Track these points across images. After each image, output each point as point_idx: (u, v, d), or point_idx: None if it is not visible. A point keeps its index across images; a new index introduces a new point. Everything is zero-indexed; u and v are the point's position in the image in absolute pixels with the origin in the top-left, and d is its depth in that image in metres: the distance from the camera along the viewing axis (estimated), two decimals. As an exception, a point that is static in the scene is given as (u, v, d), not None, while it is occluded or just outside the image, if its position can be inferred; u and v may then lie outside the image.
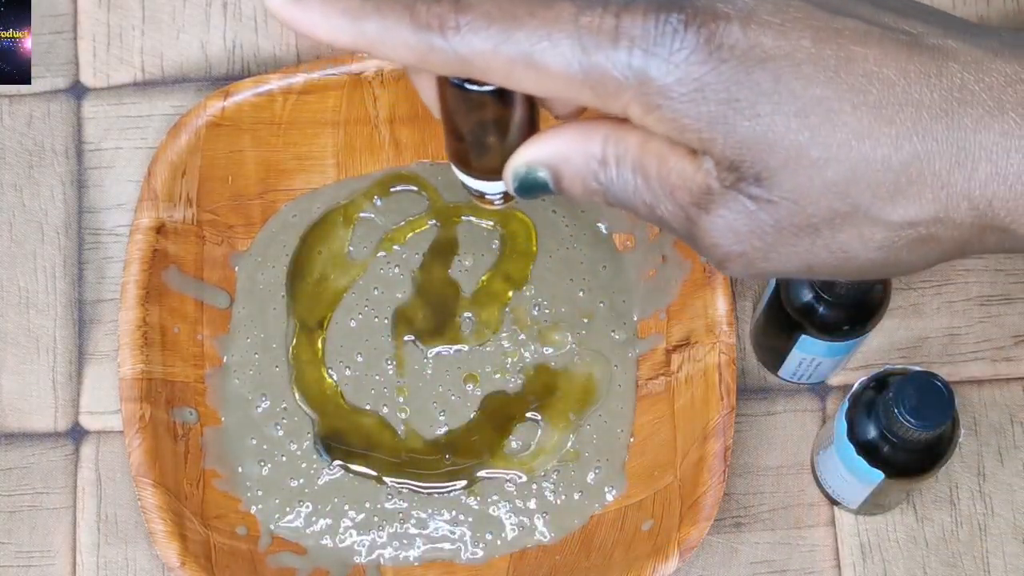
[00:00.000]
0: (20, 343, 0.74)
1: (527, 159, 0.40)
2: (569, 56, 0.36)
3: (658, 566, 0.63)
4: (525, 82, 0.37)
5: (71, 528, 0.71)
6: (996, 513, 0.69)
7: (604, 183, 0.39)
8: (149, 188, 0.70)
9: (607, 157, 0.39)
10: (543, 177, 0.40)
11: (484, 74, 0.37)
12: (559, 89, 0.37)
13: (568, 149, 0.39)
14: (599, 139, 0.39)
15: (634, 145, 0.38)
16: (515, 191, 0.41)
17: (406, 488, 0.70)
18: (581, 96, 0.37)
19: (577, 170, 0.39)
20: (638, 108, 0.36)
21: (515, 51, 0.36)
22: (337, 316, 0.73)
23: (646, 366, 0.71)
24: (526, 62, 0.36)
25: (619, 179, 0.39)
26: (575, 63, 0.36)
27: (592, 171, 0.39)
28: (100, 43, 0.78)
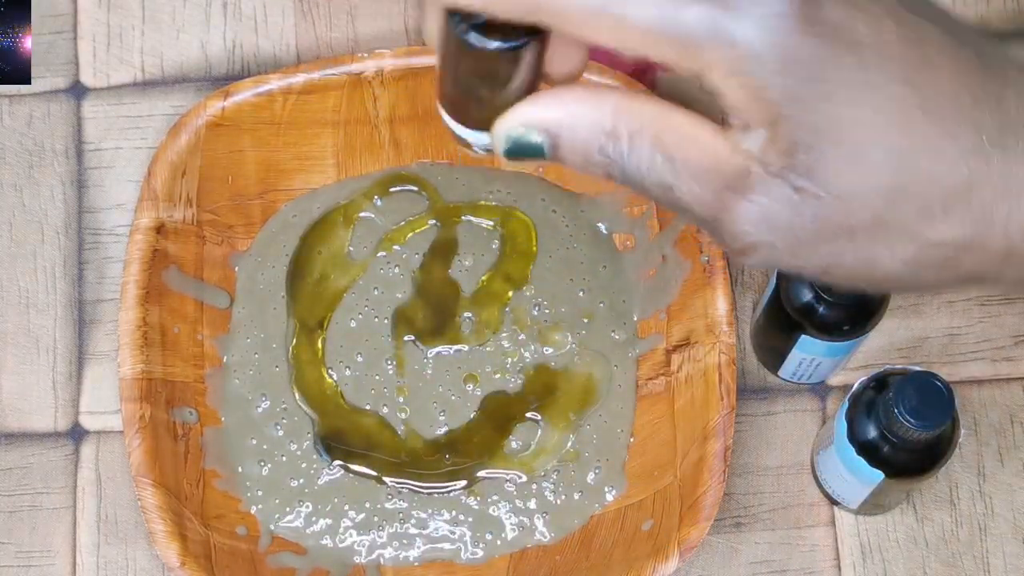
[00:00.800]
0: (20, 343, 0.74)
1: (524, 119, 0.37)
2: (656, 8, 0.33)
3: (658, 566, 0.63)
4: (602, 32, 0.34)
5: (71, 528, 0.71)
6: (996, 513, 0.69)
7: (612, 157, 0.36)
8: (149, 188, 0.70)
9: (618, 130, 0.36)
10: (539, 141, 0.37)
11: (557, 21, 0.34)
12: (637, 42, 0.34)
13: (573, 114, 0.36)
14: (610, 108, 0.36)
15: (653, 119, 0.36)
16: (504, 152, 0.38)
17: (406, 488, 0.70)
18: (658, 50, 0.34)
19: (580, 139, 0.36)
20: (721, 70, 0.34)
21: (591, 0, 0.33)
22: (337, 316, 0.73)
23: (646, 366, 0.71)
24: (606, 11, 0.33)
25: (632, 155, 0.36)
26: (662, 16, 0.33)
27: (598, 143, 0.36)
28: (100, 43, 0.78)
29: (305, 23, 0.78)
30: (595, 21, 0.34)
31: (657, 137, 0.36)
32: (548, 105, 0.37)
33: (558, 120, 0.36)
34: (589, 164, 0.37)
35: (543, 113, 0.37)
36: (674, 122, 0.36)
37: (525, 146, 0.37)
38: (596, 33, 0.34)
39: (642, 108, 0.36)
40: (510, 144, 0.37)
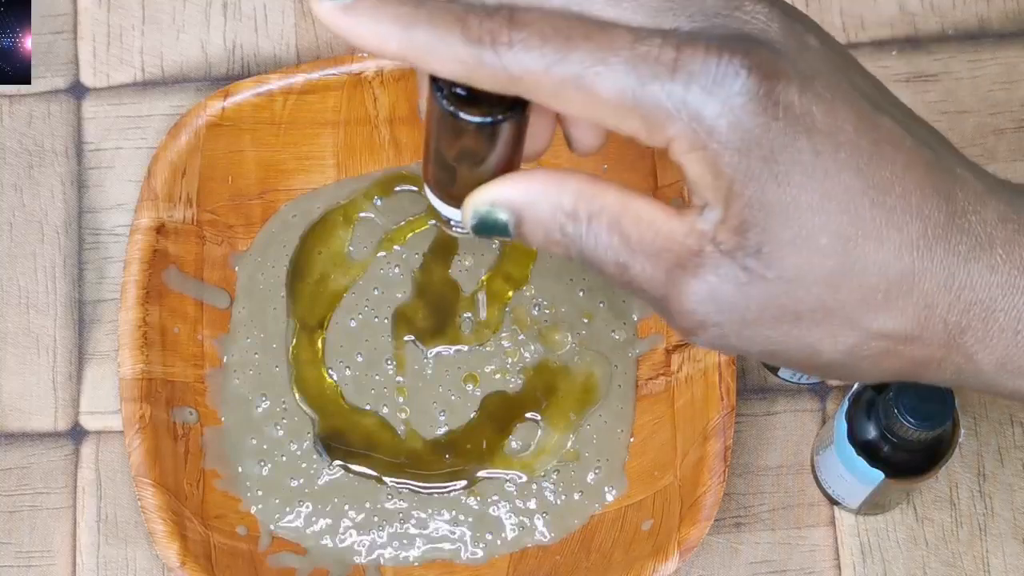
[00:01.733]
0: (20, 343, 0.74)
1: (491, 197, 0.38)
2: (623, 82, 0.35)
3: (658, 566, 0.63)
4: (573, 104, 0.36)
5: (71, 528, 0.71)
6: (996, 513, 0.69)
7: (571, 236, 0.38)
8: (149, 188, 0.70)
9: (578, 211, 0.37)
10: (503, 219, 0.38)
11: (532, 93, 0.36)
12: (606, 114, 0.36)
13: (536, 195, 0.38)
14: (571, 192, 0.38)
15: (611, 203, 0.37)
16: (472, 227, 0.39)
17: (406, 488, 0.70)
18: (626, 123, 0.36)
19: (541, 219, 0.38)
20: (683, 143, 0.35)
21: (568, 72, 0.35)
22: (337, 316, 0.73)
23: (646, 366, 0.71)
24: (577, 84, 0.35)
25: (589, 235, 0.37)
26: (628, 90, 0.35)
27: (558, 223, 0.38)
28: (100, 43, 0.78)
29: (305, 23, 0.78)
30: (567, 94, 0.35)
31: (614, 219, 0.37)
32: (515, 185, 0.38)
33: (523, 200, 0.38)
34: (550, 243, 0.38)
35: (508, 191, 0.38)
36: (632, 206, 0.37)
37: (491, 223, 0.38)
38: (569, 106, 0.36)
39: (602, 192, 0.37)
40: (477, 220, 0.39)
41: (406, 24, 0.36)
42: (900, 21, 0.76)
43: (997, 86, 0.75)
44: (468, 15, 0.36)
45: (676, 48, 0.35)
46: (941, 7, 0.76)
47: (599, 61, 0.35)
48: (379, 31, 0.36)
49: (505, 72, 0.35)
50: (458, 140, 0.38)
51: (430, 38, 0.36)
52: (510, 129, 0.38)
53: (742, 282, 0.36)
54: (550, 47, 0.35)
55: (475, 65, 0.36)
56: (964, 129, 0.74)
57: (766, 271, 0.36)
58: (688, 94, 0.34)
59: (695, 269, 0.36)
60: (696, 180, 0.36)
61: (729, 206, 0.35)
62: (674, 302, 0.37)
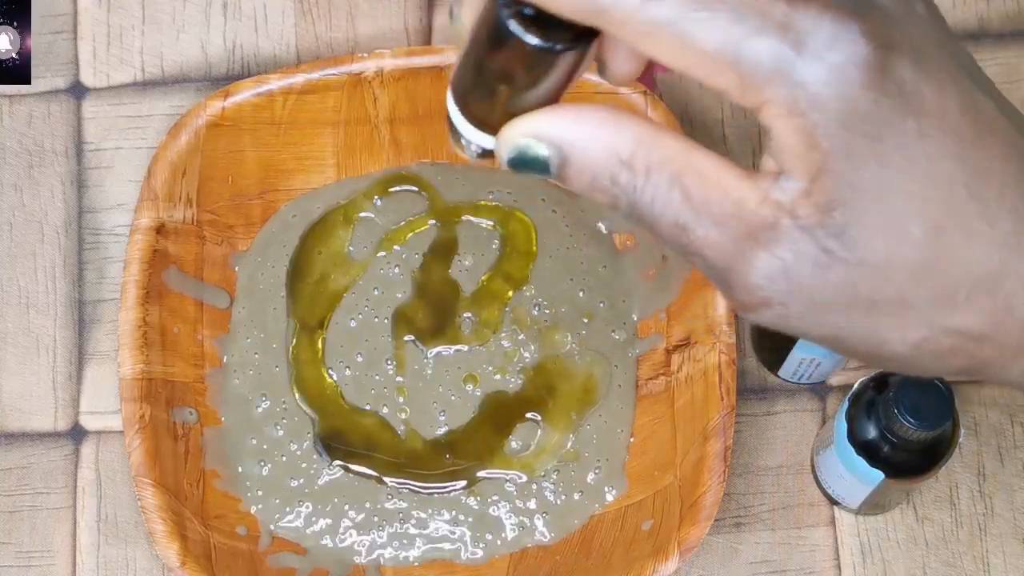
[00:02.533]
0: (20, 343, 0.74)
1: (535, 129, 0.34)
2: (726, 33, 0.32)
3: (658, 566, 0.63)
4: (664, 49, 0.32)
5: (71, 528, 0.71)
6: (996, 513, 0.69)
7: (623, 187, 0.34)
8: (149, 188, 0.70)
9: (635, 160, 0.34)
10: (545, 156, 0.35)
11: (617, 28, 0.32)
12: (700, 65, 0.32)
13: (587, 134, 0.34)
14: (629, 136, 0.34)
15: (674, 155, 0.34)
16: (507, 161, 0.35)
17: (406, 488, 0.70)
18: (720, 77, 0.32)
19: (592, 162, 0.34)
20: (780, 109, 0.32)
21: (665, 13, 0.32)
22: (337, 316, 0.73)
23: (646, 366, 0.71)
24: (674, 28, 0.32)
25: (647, 189, 0.34)
26: (731, 43, 0.32)
27: (610, 170, 0.34)
28: (100, 43, 0.78)
29: (305, 23, 0.78)
30: (660, 36, 0.32)
31: (676, 174, 0.34)
32: (565, 120, 0.35)
33: (572, 137, 0.34)
34: (596, 189, 0.35)
35: (558, 127, 0.35)
36: (697, 161, 0.34)
37: (531, 158, 0.35)
38: (658, 48, 0.33)
39: (664, 142, 0.34)
40: (515, 153, 0.35)
41: None
42: (900, 21, 0.76)
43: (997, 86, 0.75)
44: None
45: (788, 3, 0.32)
46: (941, 7, 0.76)
47: (703, 6, 0.32)
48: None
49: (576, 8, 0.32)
50: (511, 62, 0.34)
51: None
52: (572, 60, 0.34)
53: (820, 262, 0.33)
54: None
55: None
56: (964, 129, 0.74)
57: (849, 254, 0.33)
58: (797, 56, 0.32)
59: (768, 242, 0.33)
60: (784, 147, 0.33)
61: (817, 180, 0.33)
62: (739, 275, 0.34)
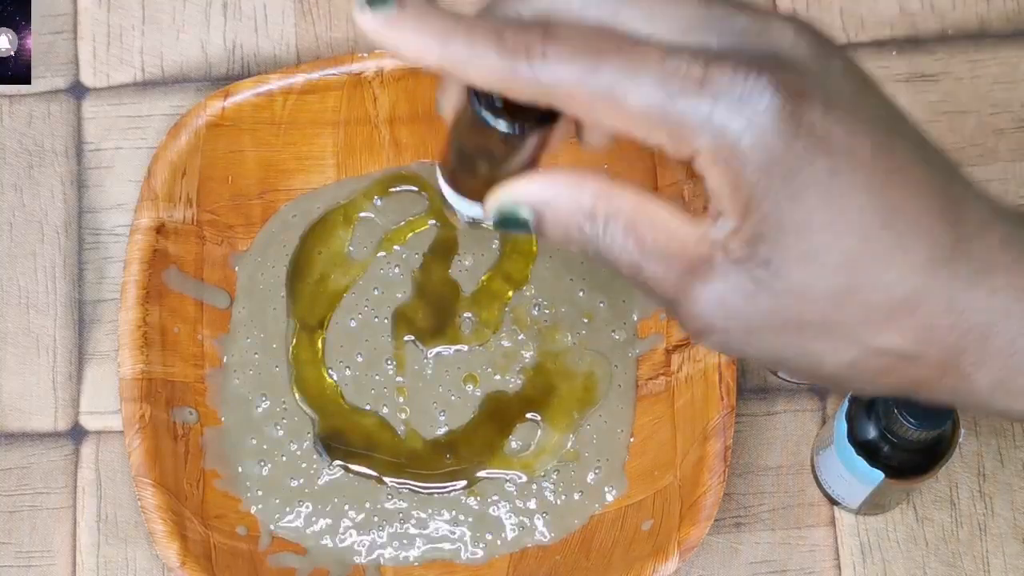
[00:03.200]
0: (20, 343, 0.74)
1: (514, 196, 0.40)
2: (652, 96, 0.36)
3: (658, 566, 0.63)
4: (603, 116, 0.37)
5: (71, 528, 0.71)
6: (996, 513, 0.69)
7: (588, 235, 0.39)
8: (149, 188, 0.70)
9: (596, 212, 0.39)
10: (524, 216, 0.40)
11: (564, 104, 0.37)
12: (634, 126, 0.37)
13: (557, 195, 0.39)
14: (590, 193, 0.39)
15: (629, 206, 0.39)
16: (494, 223, 0.41)
17: (406, 488, 0.70)
18: (653, 135, 0.37)
19: (561, 217, 0.39)
20: (707, 157, 0.36)
21: (599, 85, 0.36)
22: (337, 316, 0.73)
23: (646, 366, 0.71)
24: (608, 97, 0.36)
25: (606, 236, 0.39)
26: (656, 104, 0.36)
27: (576, 222, 0.39)
28: (100, 43, 0.78)
29: (305, 23, 0.78)
30: (598, 105, 0.36)
31: (630, 221, 0.38)
32: (536, 183, 0.40)
33: (544, 199, 0.39)
34: (569, 240, 0.40)
35: (531, 189, 0.40)
36: (647, 209, 0.39)
37: (512, 219, 0.40)
38: (599, 116, 0.37)
39: (619, 194, 0.39)
40: (499, 216, 0.40)
41: (445, 37, 0.37)
42: (900, 21, 0.76)
43: (997, 86, 0.75)
44: (504, 29, 0.37)
45: (704, 65, 0.36)
46: (941, 7, 0.76)
47: (630, 75, 0.36)
48: (419, 44, 0.38)
49: (538, 83, 0.37)
50: (488, 144, 0.40)
51: (467, 50, 0.37)
52: (541, 136, 0.40)
53: (749, 291, 0.37)
54: (582, 60, 0.36)
55: (510, 77, 0.37)
56: (964, 129, 0.74)
57: (774, 282, 0.37)
58: (714, 110, 0.36)
59: (705, 275, 0.38)
60: (715, 191, 0.37)
61: (744, 218, 0.37)
62: (683, 305, 0.38)
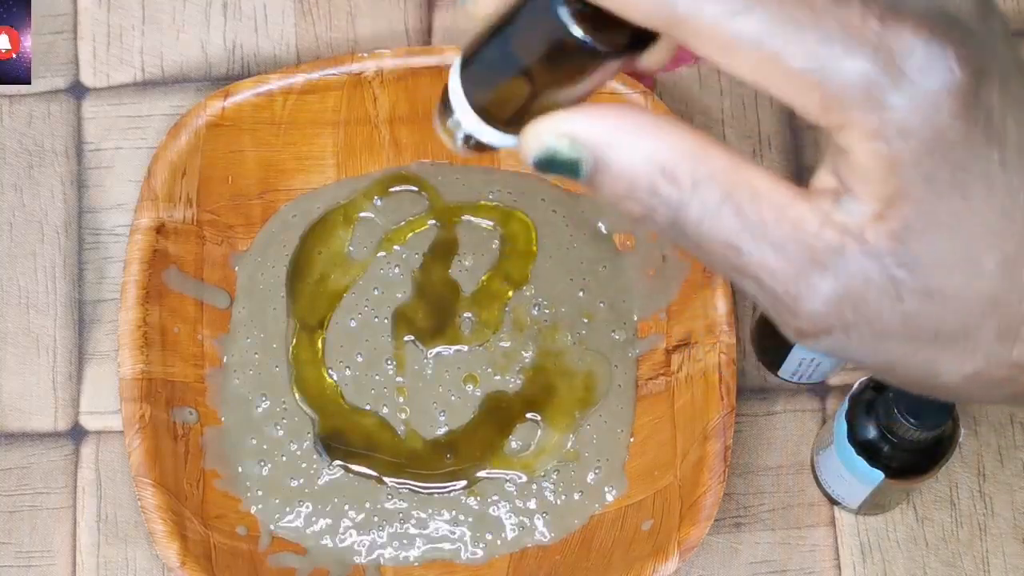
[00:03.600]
0: (20, 343, 0.74)
1: (570, 128, 0.32)
2: (812, 52, 0.30)
3: (658, 566, 0.63)
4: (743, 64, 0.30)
5: (71, 528, 0.71)
6: (996, 513, 0.69)
7: (666, 200, 0.31)
8: (149, 188, 0.70)
9: (680, 172, 0.31)
10: (578, 158, 0.32)
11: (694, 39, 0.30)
12: (778, 82, 0.30)
13: (629, 140, 0.31)
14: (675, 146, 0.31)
15: (725, 170, 0.31)
16: (534, 161, 0.32)
17: (406, 488, 0.70)
18: (800, 96, 0.30)
19: (630, 170, 0.31)
20: (862, 131, 0.30)
21: (750, 29, 0.30)
22: (337, 316, 0.73)
23: (646, 366, 0.71)
24: (758, 44, 0.30)
25: (693, 205, 0.31)
26: (817, 62, 0.30)
27: (650, 181, 0.31)
28: (100, 43, 0.78)
29: (305, 23, 0.78)
30: (743, 52, 0.30)
31: (728, 190, 0.31)
32: (604, 122, 0.32)
33: (611, 142, 0.32)
34: (631, 200, 0.32)
35: (595, 129, 0.32)
36: (749, 177, 0.32)
37: (561, 160, 0.32)
38: (737, 63, 0.30)
39: (713, 153, 0.32)
40: (544, 153, 0.32)
41: None
42: (900, 21, 0.76)
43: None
44: None
45: (880, 20, 0.29)
46: (941, 7, 0.76)
47: (788, 21, 0.29)
48: None
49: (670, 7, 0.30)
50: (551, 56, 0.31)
51: None
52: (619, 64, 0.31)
53: (887, 291, 0.31)
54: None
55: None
56: (964, 129, 0.74)
57: (919, 285, 0.31)
58: (886, 79, 0.30)
59: (833, 268, 0.31)
60: (861, 169, 0.31)
61: (893, 206, 0.31)
62: (800, 301, 0.32)
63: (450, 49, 0.71)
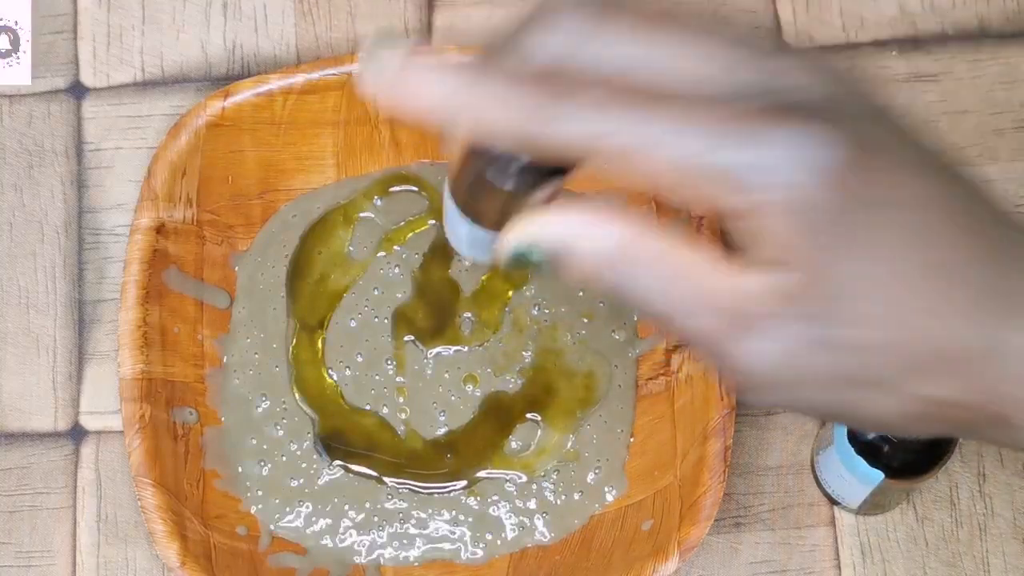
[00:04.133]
0: (20, 343, 0.74)
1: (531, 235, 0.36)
2: (699, 149, 0.33)
3: (658, 566, 0.63)
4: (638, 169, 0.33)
5: (71, 528, 0.71)
6: (996, 513, 0.69)
7: (616, 279, 0.35)
8: (149, 188, 0.70)
9: (626, 253, 0.35)
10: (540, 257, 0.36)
11: (591, 158, 0.34)
12: (671, 180, 0.33)
13: (579, 233, 0.35)
14: (617, 231, 0.35)
15: (664, 248, 0.35)
16: (506, 263, 0.37)
17: (406, 488, 0.70)
18: (691, 189, 0.33)
19: (584, 261, 0.36)
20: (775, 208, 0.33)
21: (636, 138, 0.33)
22: (337, 316, 0.73)
23: (646, 366, 0.71)
24: (648, 149, 0.33)
25: (638, 280, 0.35)
26: (705, 157, 0.33)
27: (601, 264, 0.35)
28: (100, 43, 0.78)
29: (305, 23, 0.78)
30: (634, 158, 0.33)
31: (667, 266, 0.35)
32: (555, 221, 0.36)
33: (564, 237, 0.36)
34: (589, 283, 0.36)
35: (550, 229, 0.36)
36: (686, 254, 0.35)
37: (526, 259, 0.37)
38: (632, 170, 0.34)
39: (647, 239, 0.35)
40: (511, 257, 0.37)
41: (457, 89, 0.34)
42: (900, 21, 0.76)
43: (997, 86, 0.75)
44: (523, 79, 0.34)
45: (762, 113, 0.33)
46: (941, 7, 0.76)
47: (674, 126, 0.33)
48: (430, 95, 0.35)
49: (563, 139, 0.33)
50: (494, 202, 0.37)
51: (480, 104, 0.34)
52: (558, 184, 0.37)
53: (813, 348, 0.35)
54: (617, 111, 0.33)
55: (530, 133, 0.34)
56: (964, 129, 0.74)
57: (840, 339, 0.35)
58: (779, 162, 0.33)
59: (758, 329, 0.35)
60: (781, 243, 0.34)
61: (817, 272, 0.34)
62: (734, 360, 0.35)
63: (450, 49, 0.71)
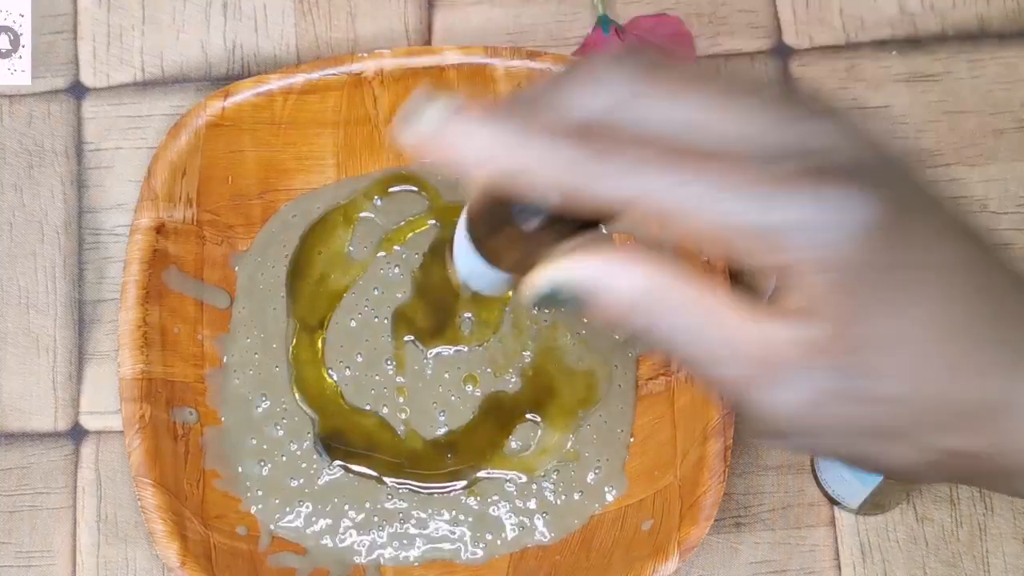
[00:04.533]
0: (20, 343, 0.74)
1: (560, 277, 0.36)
2: (735, 209, 0.33)
3: (658, 566, 0.63)
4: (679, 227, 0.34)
5: (71, 528, 0.71)
6: (996, 513, 0.69)
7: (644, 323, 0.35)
8: (149, 188, 0.70)
9: (655, 298, 0.35)
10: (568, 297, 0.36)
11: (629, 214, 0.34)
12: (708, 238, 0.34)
13: (611, 276, 0.36)
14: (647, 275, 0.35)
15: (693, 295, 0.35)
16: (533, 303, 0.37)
17: (406, 488, 0.70)
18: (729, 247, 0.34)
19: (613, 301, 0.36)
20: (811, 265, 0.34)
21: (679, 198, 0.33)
22: (337, 316, 0.73)
23: (646, 366, 0.71)
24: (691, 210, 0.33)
25: (666, 325, 0.35)
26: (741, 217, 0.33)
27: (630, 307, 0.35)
28: (100, 43, 0.78)
29: (305, 23, 0.78)
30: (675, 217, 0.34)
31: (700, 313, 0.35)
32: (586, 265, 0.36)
33: (596, 280, 0.36)
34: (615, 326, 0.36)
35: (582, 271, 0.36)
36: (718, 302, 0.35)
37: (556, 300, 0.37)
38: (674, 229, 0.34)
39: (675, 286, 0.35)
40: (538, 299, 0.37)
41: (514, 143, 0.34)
42: (900, 21, 0.76)
43: (997, 86, 0.75)
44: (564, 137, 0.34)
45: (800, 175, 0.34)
46: (941, 7, 0.76)
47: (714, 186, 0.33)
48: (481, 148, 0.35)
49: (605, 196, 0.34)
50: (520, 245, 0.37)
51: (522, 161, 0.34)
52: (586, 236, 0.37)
53: (839, 399, 0.35)
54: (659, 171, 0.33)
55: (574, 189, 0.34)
56: (964, 129, 0.74)
57: (870, 392, 0.35)
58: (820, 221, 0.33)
59: (785, 380, 0.35)
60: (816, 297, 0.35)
61: (846, 326, 0.34)
62: (760, 407, 0.36)
63: (450, 49, 0.71)
